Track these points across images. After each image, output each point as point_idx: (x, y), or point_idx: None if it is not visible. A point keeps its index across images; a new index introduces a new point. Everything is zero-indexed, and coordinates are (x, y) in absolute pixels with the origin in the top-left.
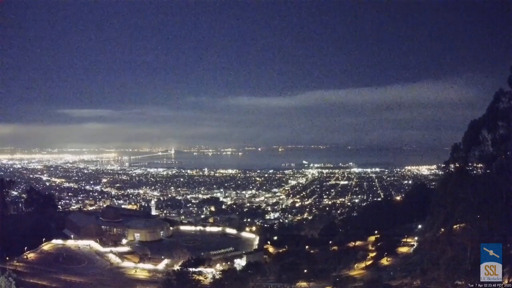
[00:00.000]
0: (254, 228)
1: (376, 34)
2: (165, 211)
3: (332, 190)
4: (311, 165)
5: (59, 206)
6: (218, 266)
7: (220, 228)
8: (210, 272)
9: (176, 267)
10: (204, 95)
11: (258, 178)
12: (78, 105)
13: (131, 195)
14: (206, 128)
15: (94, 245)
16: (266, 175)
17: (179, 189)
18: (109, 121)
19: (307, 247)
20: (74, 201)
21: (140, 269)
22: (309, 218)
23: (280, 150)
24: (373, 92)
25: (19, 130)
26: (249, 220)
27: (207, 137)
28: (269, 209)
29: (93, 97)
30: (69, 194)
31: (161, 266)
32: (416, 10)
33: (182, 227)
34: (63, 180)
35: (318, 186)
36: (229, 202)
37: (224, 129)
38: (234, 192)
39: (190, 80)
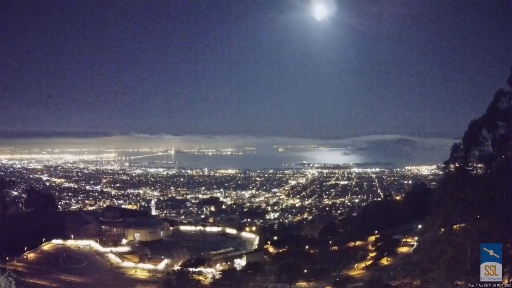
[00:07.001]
0: (254, 228)
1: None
2: (165, 211)
3: (332, 190)
4: (311, 165)
5: (59, 206)
6: (218, 266)
7: (220, 228)
8: (210, 272)
9: (176, 267)
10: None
11: (258, 178)
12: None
13: (131, 195)
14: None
15: (94, 245)
16: (266, 175)
17: (179, 189)
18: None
19: (307, 247)
20: (74, 201)
21: (140, 269)
22: (309, 218)
23: (280, 150)
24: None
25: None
26: (249, 220)
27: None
28: (269, 209)
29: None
30: (69, 194)
31: (161, 266)
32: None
33: (182, 227)
34: (63, 180)
35: (318, 186)
36: (229, 202)
37: None
38: (234, 192)
39: None
